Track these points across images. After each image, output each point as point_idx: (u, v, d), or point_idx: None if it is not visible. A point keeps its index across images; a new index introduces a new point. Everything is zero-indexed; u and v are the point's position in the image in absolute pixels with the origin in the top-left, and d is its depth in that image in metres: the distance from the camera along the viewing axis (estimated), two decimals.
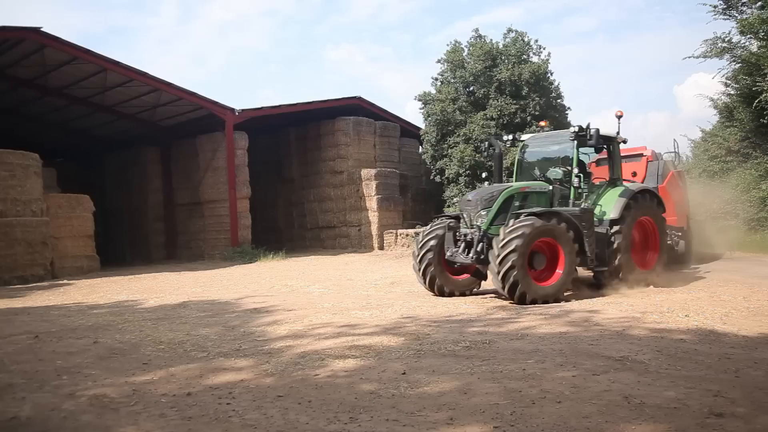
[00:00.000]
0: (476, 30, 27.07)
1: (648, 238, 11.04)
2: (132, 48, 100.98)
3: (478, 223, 9.70)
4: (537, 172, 10.96)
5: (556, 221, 9.31)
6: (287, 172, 28.44)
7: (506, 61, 25.05)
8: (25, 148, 18.89)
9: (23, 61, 21.18)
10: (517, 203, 9.91)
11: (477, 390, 4.66)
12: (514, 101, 24.43)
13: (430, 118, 26.01)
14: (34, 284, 16.63)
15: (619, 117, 10.98)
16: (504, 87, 24.68)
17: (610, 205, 10.26)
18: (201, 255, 25.05)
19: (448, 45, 28.04)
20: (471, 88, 25.96)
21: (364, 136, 26.87)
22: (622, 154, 11.55)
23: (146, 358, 6.32)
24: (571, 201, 10.11)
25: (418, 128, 27.88)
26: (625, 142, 11.33)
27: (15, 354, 6.59)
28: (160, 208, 28.02)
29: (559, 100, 26.34)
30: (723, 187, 20.13)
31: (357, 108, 27.20)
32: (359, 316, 8.54)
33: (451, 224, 10.19)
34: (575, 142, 10.19)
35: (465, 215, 10.00)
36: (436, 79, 27.24)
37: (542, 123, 13.89)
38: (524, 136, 11.75)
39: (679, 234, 13.75)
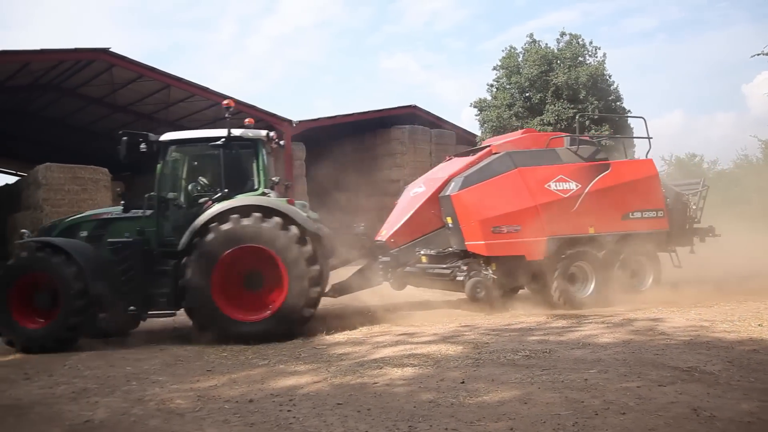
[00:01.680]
0: (531, 35, 26.79)
1: (264, 274, 8.02)
2: (193, 64, 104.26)
3: None
4: (185, 184, 8.67)
5: (50, 255, 7.57)
6: (343, 182, 28.70)
7: (562, 64, 24.66)
8: (95, 163, 19.76)
9: (94, 80, 22.16)
10: (84, 233, 8.21)
11: (537, 400, 4.59)
12: (572, 105, 24.01)
13: (486, 125, 25.84)
14: None
15: (228, 108, 8.87)
16: (561, 91, 24.29)
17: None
18: None
19: (503, 51, 27.84)
20: (527, 94, 25.66)
21: (419, 144, 26.88)
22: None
23: (210, 365, 6.49)
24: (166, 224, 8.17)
25: (474, 135, 27.71)
26: (279, 144, 9.32)
27: (88, 360, 6.88)
28: None
29: (618, 103, 25.72)
30: None
31: (412, 116, 27.24)
32: (417, 323, 8.53)
33: None
34: (222, 149, 8.35)
35: None
36: (492, 86, 27.05)
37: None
38: (169, 135, 8.62)
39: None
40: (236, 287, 7.96)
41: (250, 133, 8.70)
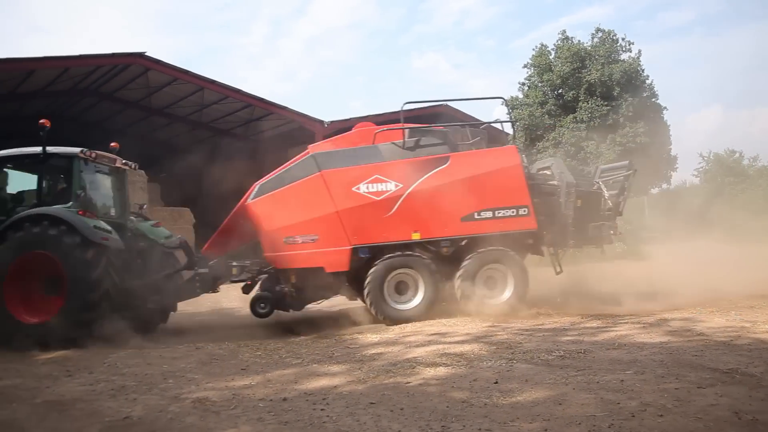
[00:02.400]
0: (563, 32, 26.53)
1: (60, 279, 7.95)
2: (225, 66, 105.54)
3: None
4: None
5: None
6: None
7: (595, 61, 24.35)
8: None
9: (130, 84, 22.64)
10: None
11: (572, 401, 4.54)
12: (606, 103, 23.69)
13: (518, 124, 25.66)
14: None
15: (43, 128, 8.70)
16: (594, 88, 24.00)
17: None
18: None
19: (534, 49, 27.63)
20: (559, 91, 25.43)
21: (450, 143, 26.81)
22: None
23: (244, 363, 6.57)
24: None
25: (506, 134, 27.53)
26: (126, 165, 9.44)
27: (127, 358, 7.02)
28: None
29: (653, 100, 25.30)
30: None
31: (444, 115, 27.16)
32: (449, 323, 8.50)
33: None
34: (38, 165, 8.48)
35: None
36: (523, 84, 26.90)
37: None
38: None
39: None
40: (35, 292, 8.06)
41: (65, 150, 8.77)
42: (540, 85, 25.87)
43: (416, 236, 8.68)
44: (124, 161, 9.54)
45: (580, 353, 6.12)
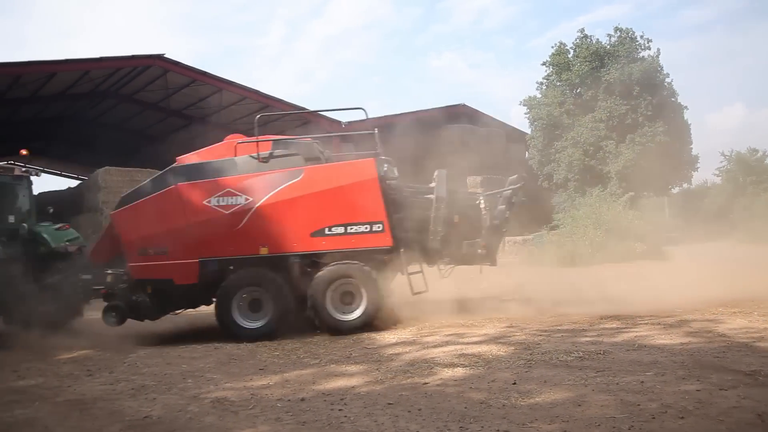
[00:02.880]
0: (581, 30, 26.30)
1: None
2: (243, 67, 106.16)
3: None
4: None
5: None
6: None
7: (614, 60, 24.13)
8: (151, 166, 20.34)
9: (149, 86, 22.86)
10: None
11: (592, 402, 4.50)
12: (625, 102, 23.48)
13: (536, 123, 25.54)
14: None
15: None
16: (613, 87, 23.77)
17: None
18: None
19: (552, 47, 27.43)
20: (578, 90, 25.23)
21: (469, 143, 26.72)
22: None
23: (262, 363, 6.60)
24: None
25: (524, 133, 27.42)
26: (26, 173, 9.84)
27: (146, 357, 7.10)
28: None
29: (673, 99, 25.01)
30: None
31: (461, 115, 27.12)
32: (467, 324, 8.47)
33: None
34: None
35: None
36: (542, 83, 26.73)
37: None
38: None
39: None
40: None
41: None
42: (558, 84, 25.70)
43: (264, 251, 8.43)
44: (24, 169, 9.98)
45: (600, 354, 6.07)
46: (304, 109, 23.03)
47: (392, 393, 5.07)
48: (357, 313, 8.37)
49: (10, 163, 10.04)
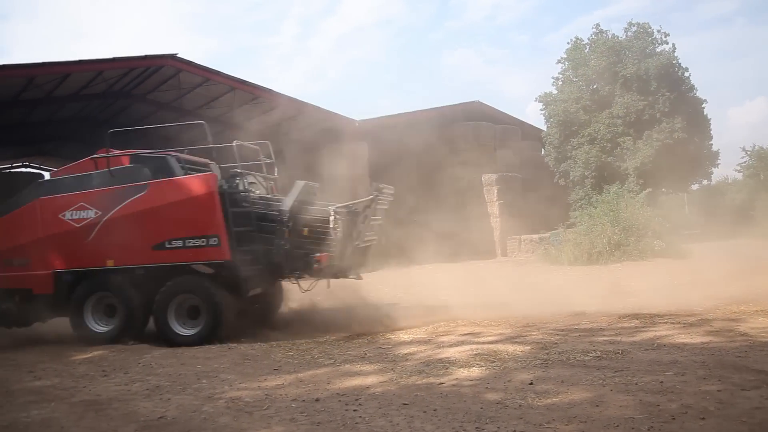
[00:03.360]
0: (597, 25, 26.07)
1: None
2: (256, 66, 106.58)
3: None
4: None
5: None
6: (406, 180, 28.64)
7: (630, 55, 23.87)
8: None
9: (162, 86, 22.96)
10: None
11: (610, 402, 4.43)
12: (642, 97, 23.22)
13: (552, 120, 25.34)
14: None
15: None
16: (630, 83, 23.52)
17: None
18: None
19: (568, 43, 27.21)
20: (594, 86, 25.00)
21: (483, 140, 26.60)
22: None
23: (277, 364, 6.59)
24: None
25: (540, 130, 27.23)
26: None
27: (161, 358, 7.12)
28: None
29: (692, 93, 24.69)
30: None
31: (476, 112, 26.97)
32: (483, 323, 8.41)
33: None
34: None
35: None
36: (557, 79, 26.51)
37: None
38: None
39: None
40: None
41: None
42: (575, 80, 25.47)
43: (110, 263, 8.64)
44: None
45: (618, 354, 5.98)
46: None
47: (407, 393, 5.03)
48: (197, 329, 8.36)
49: (25, 164, 10.00)
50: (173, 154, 9.30)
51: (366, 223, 8.90)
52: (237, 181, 8.81)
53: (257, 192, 9.36)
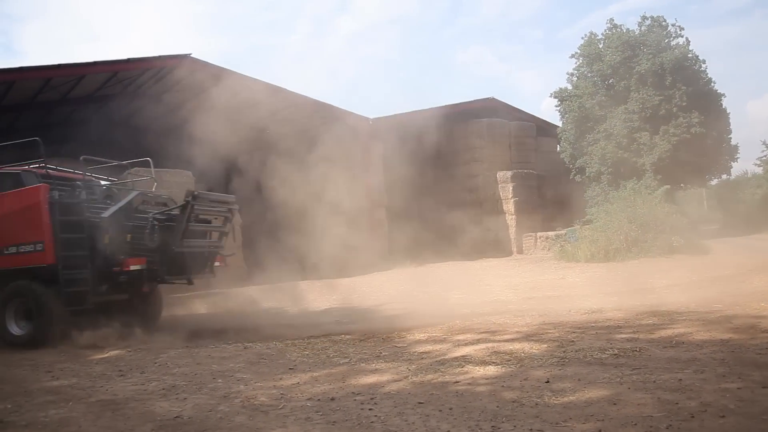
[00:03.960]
0: (611, 20, 25.73)
1: None
2: (269, 65, 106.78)
3: None
4: None
5: None
6: (421, 178, 28.55)
7: (645, 50, 23.58)
8: (178, 167, 20.56)
9: (176, 86, 23.06)
10: None
11: (628, 400, 4.37)
12: (658, 92, 22.93)
13: (567, 116, 25.11)
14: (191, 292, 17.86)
15: None
16: (645, 78, 23.24)
17: None
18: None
19: (582, 38, 26.92)
20: (610, 81, 24.74)
21: (498, 137, 26.45)
22: None
23: (292, 363, 6.59)
24: None
25: (556, 126, 27.02)
26: None
27: (177, 358, 7.16)
28: (304, 217, 28.72)
29: (710, 87, 24.33)
30: None
31: (490, 109, 26.82)
32: (499, 321, 8.36)
33: None
34: None
35: None
36: (572, 75, 26.28)
37: None
38: None
39: None
40: None
41: None
42: (590, 75, 25.20)
43: None
44: None
45: (635, 351, 5.91)
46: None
47: (423, 392, 5.00)
48: (27, 330, 8.92)
49: (42, 166, 10.11)
50: (34, 169, 10.07)
51: (183, 230, 9.02)
52: (77, 192, 9.56)
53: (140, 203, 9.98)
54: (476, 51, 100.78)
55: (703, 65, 24.18)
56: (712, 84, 24.48)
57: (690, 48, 23.95)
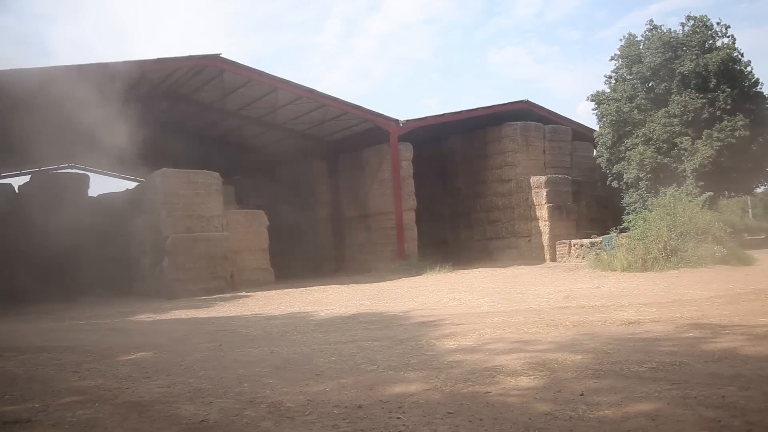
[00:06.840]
0: (650, 21, 25.17)
1: None
2: (300, 66, 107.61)
3: None
4: None
5: None
6: (452, 182, 28.37)
7: (688, 51, 22.99)
8: (207, 168, 20.75)
9: (206, 86, 23.31)
10: None
11: (667, 417, 4.18)
12: (700, 95, 22.33)
13: (604, 119, 24.66)
14: (217, 295, 18.06)
15: None
16: (688, 80, 22.68)
17: None
18: (368, 268, 24.96)
19: (621, 39, 26.46)
20: (650, 84, 24.22)
21: (532, 141, 26.13)
22: None
23: (319, 369, 6.50)
24: None
25: (592, 130, 26.58)
26: None
27: (203, 361, 7.15)
28: (329, 221, 28.53)
29: (756, 88, 23.58)
30: None
31: (524, 112, 26.53)
32: (531, 331, 8.17)
33: None
34: None
35: None
36: (610, 77, 25.82)
37: None
38: None
39: None
40: None
41: None
42: (629, 78, 24.70)
43: None
44: None
45: (675, 365, 5.67)
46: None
47: (452, 402, 4.87)
48: None
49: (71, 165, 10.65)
50: None
51: None
52: None
53: None
54: (511, 52, 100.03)
55: (749, 67, 23.46)
56: (759, 86, 23.72)
57: (736, 47, 23.28)
